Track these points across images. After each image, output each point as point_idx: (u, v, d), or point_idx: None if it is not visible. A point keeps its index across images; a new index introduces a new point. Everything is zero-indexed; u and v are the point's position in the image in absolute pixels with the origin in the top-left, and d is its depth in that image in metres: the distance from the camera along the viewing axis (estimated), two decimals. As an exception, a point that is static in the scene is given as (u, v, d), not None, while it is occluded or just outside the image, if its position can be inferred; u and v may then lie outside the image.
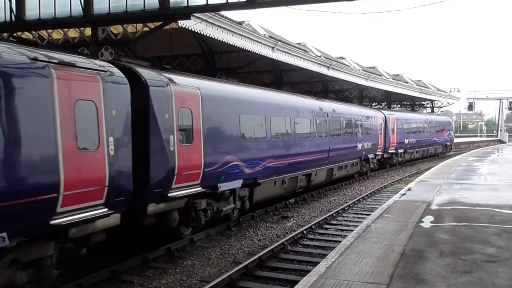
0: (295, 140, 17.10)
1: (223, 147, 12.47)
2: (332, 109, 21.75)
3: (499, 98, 72.65)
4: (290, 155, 16.59)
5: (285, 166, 16.09)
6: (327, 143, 20.21)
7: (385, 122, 29.97)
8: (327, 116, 20.60)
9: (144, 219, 10.12)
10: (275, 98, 16.70)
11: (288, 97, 18.41)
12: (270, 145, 15.19)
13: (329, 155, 20.47)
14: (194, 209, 11.46)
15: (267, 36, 18.94)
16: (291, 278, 9.37)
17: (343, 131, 22.76)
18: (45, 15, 12.31)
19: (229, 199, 13.08)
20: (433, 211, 11.68)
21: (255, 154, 14.22)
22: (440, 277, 6.69)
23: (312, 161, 18.65)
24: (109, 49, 11.91)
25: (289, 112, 16.84)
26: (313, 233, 13.39)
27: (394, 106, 49.38)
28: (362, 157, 25.88)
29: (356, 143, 24.42)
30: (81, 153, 7.89)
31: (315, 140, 19.00)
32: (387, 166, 31.41)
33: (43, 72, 7.34)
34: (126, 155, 8.89)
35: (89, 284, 8.81)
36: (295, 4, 10.91)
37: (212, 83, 13.23)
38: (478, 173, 21.17)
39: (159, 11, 11.44)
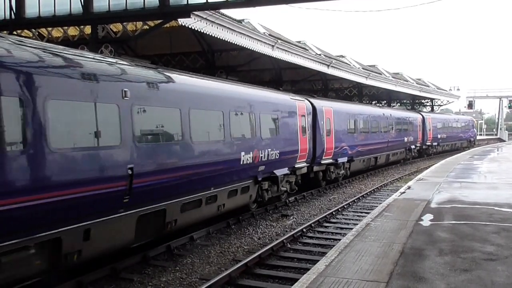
0: (371, 134, 26.71)
1: (342, 138, 22.24)
2: (390, 113, 31.49)
3: (499, 97, 72.61)
4: (369, 144, 26.13)
5: (365, 151, 25.67)
6: (386, 137, 29.56)
7: (423, 122, 38.51)
8: (387, 119, 30.11)
9: (311, 172, 19.78)
10: (370, 111, 28.45)
11: (375, 109, 30.44)
12: (359, 138, 24.81)
13: (388, 145, 29.67)
14: (328, 170, 21.37)
15: (267, 34, 18.93)
16: (290, 276, 9.38)
17: (396, 128, 31.49)
18: (45, 13, 12.32)
19: (341, 168, 22.63)
20: (433, 210, 11.69)
21: (353, 143, 23.68)
22: (439, 275, 6.70)
23: (378, 148, 27.94)
24: (108, 47, 11.94)
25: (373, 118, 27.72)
26: (313, 231, 13.40)
27: (394, 105, 49.49)
28: (407, 147, 34.49)
29: (403, 137, 33.26)
30: (303, 138, 17.63)
31: (381, 134, 28.72)
32: (424, 155, 40.10)
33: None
34: (308, 140, 18.15)
35: (89, 281, 8.82)
36: (294, 2, 10.93)
37: (340, 104, 24.45)
38: (477, 172, 21.18)
39: (159, 9, 11.46)
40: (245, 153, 13.24)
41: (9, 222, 6.70)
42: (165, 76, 10.67)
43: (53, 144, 7.24)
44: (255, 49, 17.62)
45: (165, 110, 10.08)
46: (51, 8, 12.27)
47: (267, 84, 22.86)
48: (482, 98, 73.61)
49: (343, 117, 22.61)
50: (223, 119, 12.16)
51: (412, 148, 35.56)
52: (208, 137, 11.65)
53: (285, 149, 15.91)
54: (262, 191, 15.04)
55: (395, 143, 31.11)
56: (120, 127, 8.65)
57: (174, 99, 10.39)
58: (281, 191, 16.38)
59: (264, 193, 15.13)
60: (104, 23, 12.72)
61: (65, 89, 7.66)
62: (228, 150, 12.52)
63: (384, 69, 39.56)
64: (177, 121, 10.37)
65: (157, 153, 9.65)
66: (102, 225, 8.37)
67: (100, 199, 8.18)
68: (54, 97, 7.39)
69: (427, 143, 39.44)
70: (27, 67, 7.11)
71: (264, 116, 14.69)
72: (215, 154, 11.86)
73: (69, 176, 7.56)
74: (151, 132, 9.70)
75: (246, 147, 13.34)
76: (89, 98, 8.06)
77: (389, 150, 30.09)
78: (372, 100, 45.31)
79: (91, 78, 8.15)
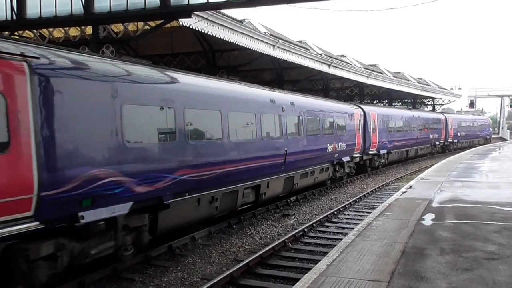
0: (404, 132, 33.28)
1: (383, 135, 28.34)
2: (418, 115, 37.78)
3: (501, 96, 72.55)
4: (402, 139, 32.60)
5: (399, 145, 32.15)
6: (416, 134, 35.83)
7: (446, 122, 45.19)
8: (416, 119, 36.41)
9: (361, 160, 25.43)
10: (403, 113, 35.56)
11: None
12: (395, 135, 31.28)
13: (417, 141, 36.30)
14: (373, 159, 27.49)
15: (268, 34, 18.93)
16: (292, 276, 9.38)
17: (423, 127, 37.71)
18: (46, 13, 12.34)
19: (382, 158, 29.17)
20: (434, 209, 11.68)
21: (391, 139, 29.89)
22: (441, 274, 6.70)
23: (409, 144, 34.53)
24: (110, 48, 11.94)
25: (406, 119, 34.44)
26: (314, 231, 13.40)
27: (396, 104, 49.51)
28: (432, 143, 41.29)
29: (429, 135, 39.55)
30: (358, 135, 23.85)
31: (412, 132, 35.18)
32: (446, 150, 45.77)
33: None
34: (361, 137, 24.37)
35: (91, 282, 8.83)
36: (295, 1, 10.93)
37: (381, 108, 31.44)
38: (479, 171, 21.16)
39: (160, 9, 11.47)
40: (329, 144, 20.03)
41: (228, 177, 12.32)
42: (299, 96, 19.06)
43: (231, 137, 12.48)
44: (256, 49, 17.63)
45: (300, 117, 17.21)
46: (52, 9, 12.28)
47: (268, 84, 22.89)
48: (484, 97, 73.55)
49: (383, 119, 29.07)
50: (319, 122, 19.15)
51: (436, 144, 42.75)
52: (314, 133, 18.60)
53: (348, 143, 22.39)
54: (335, 172, 21.80)
55: (423, 140, 37.95)
56: (281, 126, 15.58)
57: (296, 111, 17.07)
58: (345, 173, 23.20)
59: (335, 173, 21.92)
60: (105, 24, 12.74)
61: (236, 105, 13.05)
62: (322, 142, 19.36)
63: (385, 69, 39.53)
64: (311, 123, 18.33)
65: (300, 141, 17.00)
66: (273, 180, 15.32)
67: (274, 166, 15.05)
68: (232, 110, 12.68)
69: (449, 140, 46.54)
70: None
71: (338, 119, 21.45)
72: (315, 144, 18.60)
73: (265, 153, 14.33)
74: (295, 129, 16.83)
75: (329, 141, 20.08)
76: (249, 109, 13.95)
77: (418, 145, 36.90)
78: (373, 100, 45.29)
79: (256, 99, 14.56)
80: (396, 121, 31.80)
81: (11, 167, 6.72)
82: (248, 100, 13.72)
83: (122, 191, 8.64)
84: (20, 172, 6.85)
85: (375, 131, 26.97)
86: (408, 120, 34.49)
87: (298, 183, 17.47)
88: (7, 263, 7.13)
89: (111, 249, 8.74)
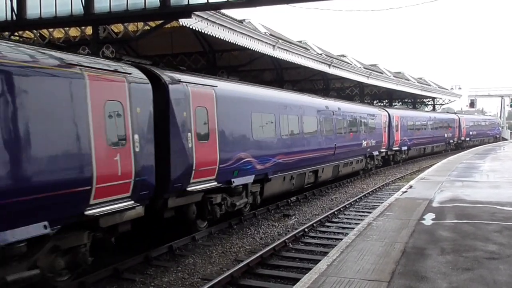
0: (421, 131, 37.96)
1: (404, 134, 32.71)
2: (434, 116, 43.32)
3: (501, 95, 72.45)
4: (420, 138, 37.52)
5: (418, 143, 37.27)
6: (432, 133, 40.74)
7: (459, 122, 49.72)
8: (432, 120, 41.39)
9: (386, 155, 30.75)
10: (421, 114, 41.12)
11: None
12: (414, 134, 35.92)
13: (433, 139, 41.10)
14: (395, 154, 32.49)
15: (268, 34, 18.91)
16: (292, 276, 9.39)
17: (438, 127, 42.92)
18: (46, 14, 12.33)
19: (403, 153, 33.91)
20: (435, 209, 11.68)
21: (410, 137, 34.84)
22: (441, 274, 6.69)
23: (426, 142, 39.67)
24: (110, 48, 11.93)
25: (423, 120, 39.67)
26: (315, 231, 13.40)
27: (396, 104, 49.49)
28: (447, 141, 45.82)
29: (444, 134, 44.71)
30: (384, 133, 29.17)
31: (429, 132, 40.14)
32: (462, 147, 49.44)
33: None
34: (387, 135, 29.72)
35: (91, 282, 8.84)
36: (295, 2, 10.92)
37: (403, 111, 35.66)
38: (479, 171, 21.15)
39: (160, 9, 11.46)
40: (363, 141, 25.32)
41: (301, 163, 17.48)
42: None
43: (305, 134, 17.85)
44: (256, 49, 17.62)
45: (344, 119, 22.61)
46: (52, 9, 12.27)
47: (269, 84, 22.89)
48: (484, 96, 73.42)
49: (405, 120, 34.25)
50: (357, 123, 24.46)
51: (450, 142, 47.62)
52: (353, 131, 23.99)
53: (377, 140, 27.99)
54: (366, 163, 26.89)
55: (438, 138, 42.99)
56: (332, 126, 20.70)
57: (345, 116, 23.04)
58: (374, 164, 28.53)
59: (367, 164, 27.07)
60: (105, 24, 12.72)
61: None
62: (359, 139, 24.75)
63: (385, 68, 39.48)
64: (351, 124, 23.60)
65: (344, 137, 22.14)
66: (326, 167, 20.29)
67: (328, 156, 20.10)
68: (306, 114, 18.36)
69: (462, 138, 51.16)
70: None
71: (370, 121, 26.78)
72: (354, 140, 23.91)
73: (322, 146, 19.45)
74: (341, 129, 22.02)
75: (363, 138, 25.35)
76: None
77: (434, 143, 41.84)
78: (373, 100, 45.26)
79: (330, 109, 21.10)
80: (415, 122, 36.92)
81: (207, 151, 11.75)
82: (313, 107, 19.33)
83: (250, 168, 13.86)
84: (212, 154, 11.93)
85: (397, 131, 32.13)
86: (426, 121, 39.80)
87: (341, 170, 22.77)
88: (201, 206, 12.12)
89: (245, 204, 14.12)
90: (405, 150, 34.33)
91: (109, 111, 8.65)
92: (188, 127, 10.99)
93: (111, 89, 8.80)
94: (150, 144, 9.65)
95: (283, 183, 16.43)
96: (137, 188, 9.18)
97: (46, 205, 7.35)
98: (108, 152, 8.53)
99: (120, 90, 8.97)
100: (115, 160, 8.63)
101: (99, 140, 8.29)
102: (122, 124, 8.95)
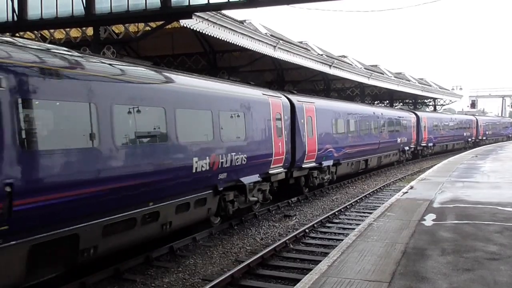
0: (443, 131, 43.75)
1: (430, 132, 39.36)
2: (455, 118, 49.94)
3: (502, 96, 72.60)
4: (443, 136, 43.26)
5: (441, 140, 42.98)
6: (453, 132, 46.95)
7: (477, 122, 55.76)
8: (453, 121, 48.05)
9: (415, 150, 37.20)
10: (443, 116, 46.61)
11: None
12: (437, 132, 41.46)
13: (453, 138, 47.19)
14: (422, 150, 38.74)
15: (268, 35, 18.92)
16: (293, 276, 9.38)
17: (458, 127, 48.92)
18: (47, 15, 12.34)
19: (429, 148, 39.98)
20: (435, 209, 11.68)
21: (435, 135, 40.73)
22: (442, 274, 6.69)
23: (448, 139, 45.61)
24: (111, 49, 11.95)
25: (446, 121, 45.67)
26: (316, 231, 13.40)
27: (397, 104, 49.49)
28: (465, 140, 51.45)
29: (463, 133, 50.70)
30: (413, 132, 35.89)
31: (450, 131, 45.94)
32: (479, 145, 52.50)
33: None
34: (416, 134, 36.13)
35: (92, 282, 8.85)
36: (296, 2, 10.92)
37: (429, 113, 43.63)
38: (480, 171, 21.13)
39: (160, 10, 11.46)
40: (398, 138, 31.45)
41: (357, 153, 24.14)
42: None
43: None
44: (257, 49, 17.63)
45: (385, 121, 29.00)
46: (53, 10, 12.28)
47: (270, 85, 22.90)
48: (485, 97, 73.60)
49: (431, 121, 40.35)
50: (393, 123, 30.11)
51: (469, 140, 53.04)
52: (391, 130, 30.10)
53: (408, 137, 34.23)
54: (400, 156, 33.07)
55: (458, 136, 49.21)
56: (377, 127, 27.49)
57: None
58: (405, 157, 34.44)
59: (400, 157, 33.19)
60: (106, 25, 12.74)
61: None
62: (395, 136, 30.77)
63: (386, 69, 39.47)
64: (389, 124, 29.80)
65: (384, 135, 28.43)
66: (372, 158, 26.61)
67: (374, 149, 26.74)
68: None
69: (478, 138, 56.66)
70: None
71: (403, 122, 33.21)
72: (392, 137, 29.88)
73: (371, 141, 26.10)
74: (383, 128, 28.49)
75: (398, 135, 31.43)
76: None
77: (455, 141, 48.07)
78: (374, 100, 45.25)
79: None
80: (439, 123, 43.19)
81: (312, 144, 18.51)
82: (367, 114, 26.43)
83: (331, 155, 20.49)
84: (314, 145, 18.62)
85: (425, 130, 38.28)
86: (448, 122, 46.20)
87: (382, 160, 28.80)
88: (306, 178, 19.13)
89: (328, 180, 20.96)
90: (431, 146, 40.28)
91: (276, 118, 15.42)
92: (303, 128, 17.58)
93: (276, 106, 15.57)
94: (289, 137, 16.35)
95: (347, 167, 22.89)
96: (285, 161, 15.92)
97: (259, 167, 14.27)
98: (277, 140, 15.25)
99: (280, 107, 15.88)
100: (279, 145, 15.37)
101: (274, 134, 15.16)
102: (281, 125, 15.77)
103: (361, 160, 24.90)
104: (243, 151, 13.07)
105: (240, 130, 13.30)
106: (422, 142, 37.86)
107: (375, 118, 27.50)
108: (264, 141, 14.60)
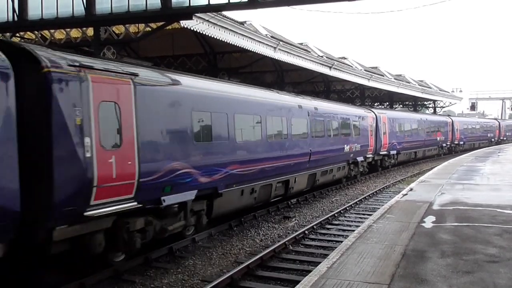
0: (471, 132, 55.70)
1: (461, 133, 50.95)
2: (482, 121, 60.95)
3: (502, 98, 72.71)
4: (471, 136, 55.79)
5: (470, 139, 54.47)
6: (479, 133, 57.81)
7: (499, 125, 64.25)
8: (479, 124, 59.96)
9: (451, 146, 49.63)
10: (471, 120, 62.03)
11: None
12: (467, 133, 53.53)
13: (479, 138, 57.56)
14: (456, 146, 50.35)
15: (269, 36, 18.93)
16: (292, 278, 9.38)
17: (484, 130, 59.74)
18: (47, 15, 12.31)
19: (461, 145, 51.53)
20: (435, 211, 11.67)
21: (465, 135, 52.59)
22: (442, 277, 6.69)
23: (475, 139, 56.18)
24: (111, 49, 11.93)
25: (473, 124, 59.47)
26: (315, 233, 13.39)
27: (396, 106, 49.50)
28: (489, 139, 58.84)
29: (487, 134, 60.22)
30: (450, 133, 48.52)
31: (477, 132, 57.92)
32: (501, 144, 60.91)
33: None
34: (451, 134, 48.32)
35: (91, 283, 8.83)
36: (296, 4, 10.90)
37: (460, 118, 61.87)
38: (480, 173, 21.12)
39: (161, 11, 11.44)
40: (438, 139, 43.56)
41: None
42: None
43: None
44: (257, 51, 17.62)
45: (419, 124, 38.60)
46: (54, 10, 12.25)
47: (270, 86, 22.91)
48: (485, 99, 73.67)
49: (461, 124, 49.88)
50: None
51: (492, 140, 61.99)
52: (430, 131, 41.14)
53: (446, 137, 45.24)
54: (439, 151, 43.67)
55: (483, 137, 58.81)
56: (420, 129, 38.97)
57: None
58: (442, 151, 44.22)
59: (440, 151, 44.02)
60: (106, 25, 12.72)
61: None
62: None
63: (386, 71, 39.49)
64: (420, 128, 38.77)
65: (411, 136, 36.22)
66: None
67: (417, 146, 38.65)
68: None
69: (500, 138, 65.91)
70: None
71: (440, 125, 43.62)
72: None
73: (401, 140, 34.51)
74: (413, 131, 36.54)
75: (441, 134, 43.98)
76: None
77: (480, 140, 57.15)
78: (374, 102, 45.25)
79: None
80: (468, 126, 52.43)
81: (371, 141, 27.09)
82: (417, 119, 36.25)
83: (395, 147, 31.29)
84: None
85: (458, 132, 48.47)
86: (475, 125, 55.96)
87: (426, 153, 39.66)
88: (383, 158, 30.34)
89: (392, 163, 31.72)
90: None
91: (370, 124, 24.58)
92: (380, 130, 25.39)
93: (370, 118, 23.36)
94: (375, 136, 22.84)
95: (404, 156, 33.93)
96: (374, 150, 21.98)
97: (363, 152, 25.70)
98: (371, 138, 22.19)
99: (372, 118, 25.06)
100: (371, 140, 23.88)
101: (370, 134, 22.55)
102: (372, 128, 24.59)
103: (412, 152, 36.06)
104: (358, 143, 24.14)
105: (358, 132, 24.43)
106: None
107: (422, 122, 38.76)
108: (366, 138, 25.64)
